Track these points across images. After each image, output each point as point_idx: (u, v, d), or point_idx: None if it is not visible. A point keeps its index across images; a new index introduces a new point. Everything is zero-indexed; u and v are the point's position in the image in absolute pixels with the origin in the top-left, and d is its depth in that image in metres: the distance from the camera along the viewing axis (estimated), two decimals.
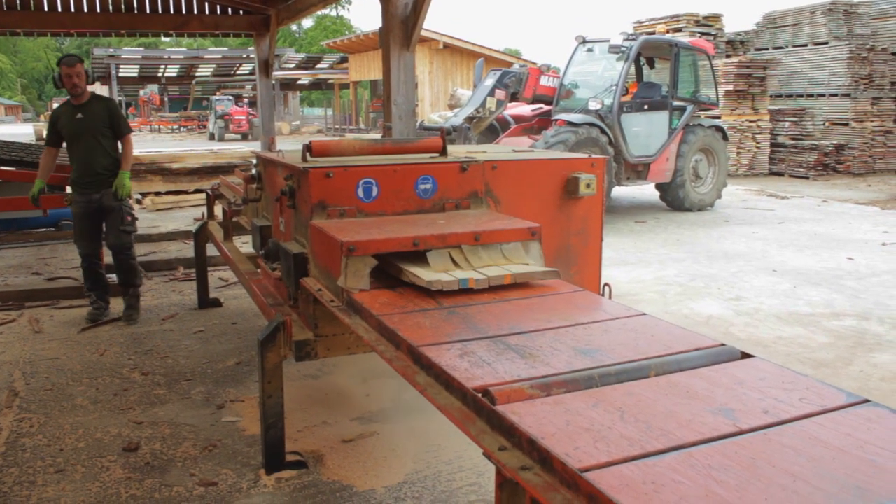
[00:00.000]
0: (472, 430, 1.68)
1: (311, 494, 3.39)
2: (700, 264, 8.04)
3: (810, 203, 12.76)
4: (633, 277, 7.41)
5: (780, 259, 8.32)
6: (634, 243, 9.16)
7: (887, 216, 11.37)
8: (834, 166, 16.98)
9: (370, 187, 3.28)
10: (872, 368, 5.00)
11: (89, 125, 5.82)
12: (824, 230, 10.12)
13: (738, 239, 9.48)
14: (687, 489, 1.34)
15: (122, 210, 5.95)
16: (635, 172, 10.96)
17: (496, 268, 2.81)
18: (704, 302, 6.57)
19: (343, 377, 4.70)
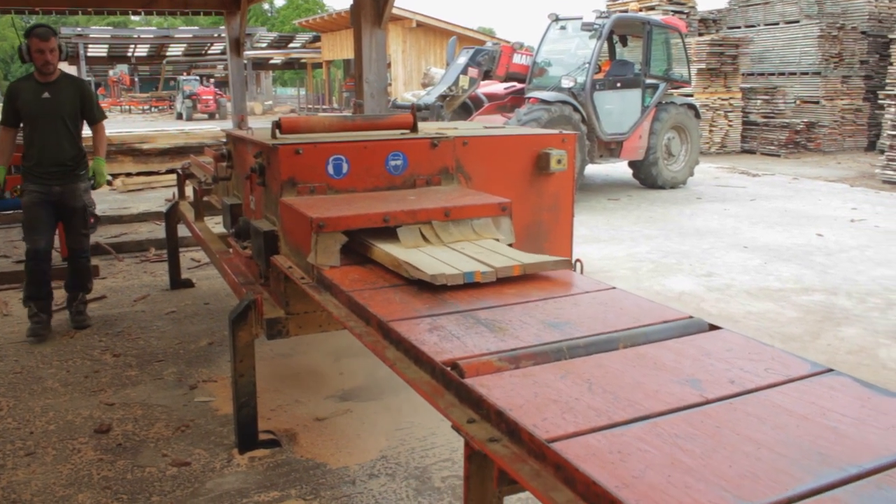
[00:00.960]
0: (442, 403, 1.68)
1: (284, 473, 3.39)
2: (672, 241, 8.09)
3: (781, 180, 12.87)
4: (605, 254, 7.45)
5: (751, 235, 8.39)
6: (607, 220, 9.20)
7: (856, 193, 11.50)
8: (805, 144, 17.12)
9: (340, 164, 3.25)
10: (840, 342, 5.07)
11: (58, 108, 5.10)
12: (795, 207, 10.22)
13: (710, 216, 9.55)
14: (652, 457, 1.35)
15: (86, 211, 5.42)
16: (608, 150, 10.99)
17: (502, 257, 2.59)
18: (676, 278, 6.61)
19: (317, 356, 4.69)
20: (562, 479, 1.32)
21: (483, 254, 2.64)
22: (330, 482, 3.33)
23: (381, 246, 2.73)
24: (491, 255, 2.62)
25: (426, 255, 2.62)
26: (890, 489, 1.26)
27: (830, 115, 17.33)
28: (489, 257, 2.59)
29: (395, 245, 2.76)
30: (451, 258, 2.60)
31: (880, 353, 4.89)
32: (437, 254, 2.67)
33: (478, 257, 2.59)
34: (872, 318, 5.55)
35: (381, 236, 2.84)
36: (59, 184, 5.17)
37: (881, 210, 10.01)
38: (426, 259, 2.56)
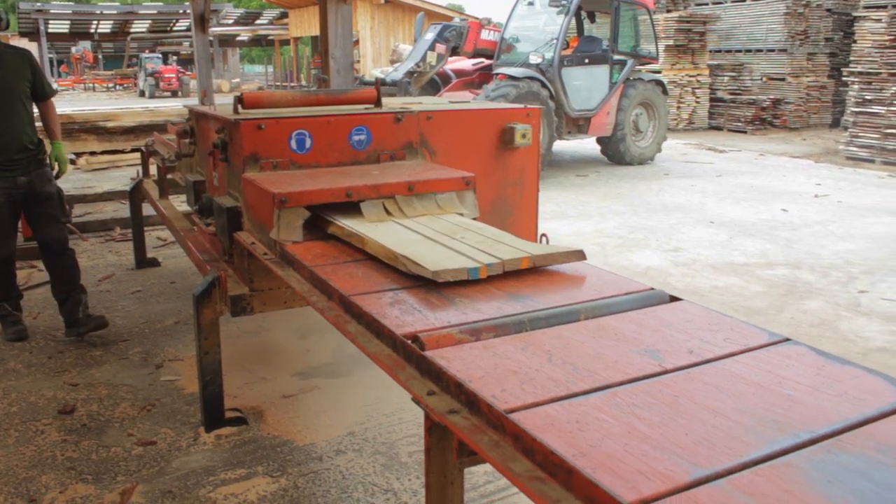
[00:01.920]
0: (402, 376, 1.68)
1: (251, 450, 3.38)
2: (639, 217, 8.14)
3: (747, 157, 12.97)
4: (573, 230, 7.47)
5: (718, 211, 8.46)
6: (575, 196, 9.23)
7: (820, 169, 11.63)
8: (771, 121, 17.26)
9: (303, 139, 3.22)
10: (803, 315, 5.14)
11: (10, 83, 4.48)
12: (760, 183, 10.31)
13: (677, 192, 9.61)
14: (610, 427, 1.36)
15: (61, 195, 4.79)
16: (576, 126, 11.00)
17: (508, 248, 2.36)
18: (643, 253, 6.66)
19: (283, 333, 4.67)
20: (520, 450, 1.33)
21: (486, 243, 2.42)
22: (297, 459, 3.33)
23: (404, 254, 2.32)
24: (494, 244, 2.41)
25: (425, 248, 2.38)
26: (840, 453, 1.28)
27: (796, 92, 17.46)
28: (493, 247, 2.36)
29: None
30: (451, 249, 2.37)
31: (841, 325, 4.96)
32: (436, 247, 2.41)
33: (480, 247, 2.38)
34: (834, 292, 5.63)
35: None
36: (25, 172, 4.53)
37: (844, 186, 10.14)
38: (425, 252, 2.32)
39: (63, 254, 4.73)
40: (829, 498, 1.16)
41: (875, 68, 12.13)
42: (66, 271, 4.75)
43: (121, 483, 3.14)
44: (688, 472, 1.21)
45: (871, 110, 12.16)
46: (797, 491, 1.18)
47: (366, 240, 2.47)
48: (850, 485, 1.19)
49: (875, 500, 1.15)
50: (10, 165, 4.47)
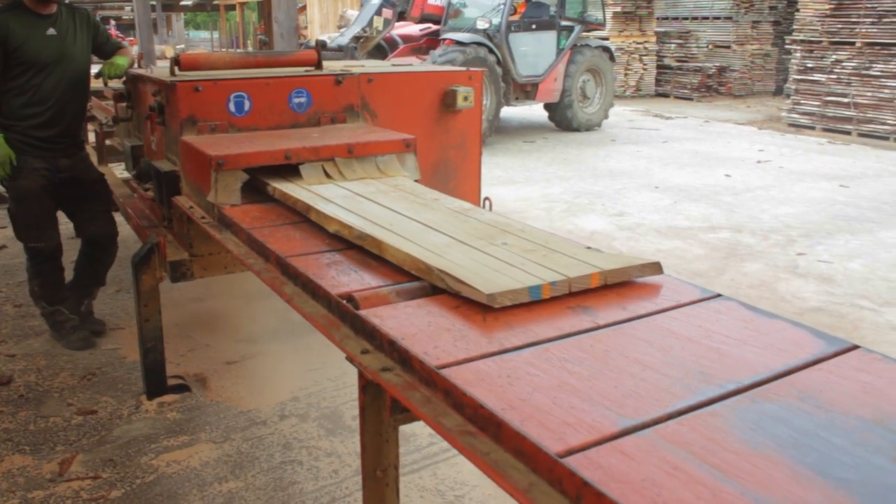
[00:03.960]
0: (337, 335, 1.67)
1: (194, 417, 3.36)
2: (586, 182, 8.20)
3: (693, 123, 13.12)
4: (519, 196, 7.50)
5: (663, 176, 8.56)
6: (522, 163, 9.25)
7: (763, 135, 11.81)
8: (716, 88, 17.45)
9: (242, 101, 3.17)
10: (742, 276, 5.24)
11: (72, 49, 3.83)
12: (705, 149, 10.45)
13: (623, 157, 9.69)
14: (540, 381, 1.37)
15: (105, 182, 4.20)
16: (524, 92, 11.00)
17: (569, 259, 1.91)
18: (588, 218, 6.72)
19: (228, 300, 4.62)
20: (451, 405, 1.33)
21: (537, 252, 1.98)
22: (240, 424, 3.31)
23: (436, 265, 1.86)
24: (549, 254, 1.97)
25: (461, 256, 1.94)
26: (763, 402, 1.31)
27: (741, 59, 17.66)
28: (549, 258, 1.93)
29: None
30: (494, 258, 1.93)
31: (779, 286, 5.08)
32: (473, 254, 1.97)
33: (531, 257, 1.94)
34: (773, 254, 5.75)
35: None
36: (67, 154, 3.95)
37: (786, 152, 10.32)
38: (464, 262, 1.89)
39: (110, 250, 4.22)
40: (750, 444, 1.18)
41: (816, 37, 12.31)
42: (105, 268, 4.27)
43: (60, 453, 3.09)
44: (615, 423, 1.23)
45: (812, 78, 12.36)
46: (720, 438, 1.20)
47: (383, 244, 2.01)
48: (771, 431, 1.22)
49: (792, 444, 1.18)
50: (55, 144, 3.87)
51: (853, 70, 11.65)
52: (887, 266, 5.52)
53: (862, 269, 5.46)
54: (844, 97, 11.77)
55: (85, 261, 4.19)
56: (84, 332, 4.12)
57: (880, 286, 5.12)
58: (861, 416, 1.28)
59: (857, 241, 6.13)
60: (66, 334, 4.09)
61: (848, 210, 7.15)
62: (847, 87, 11.74)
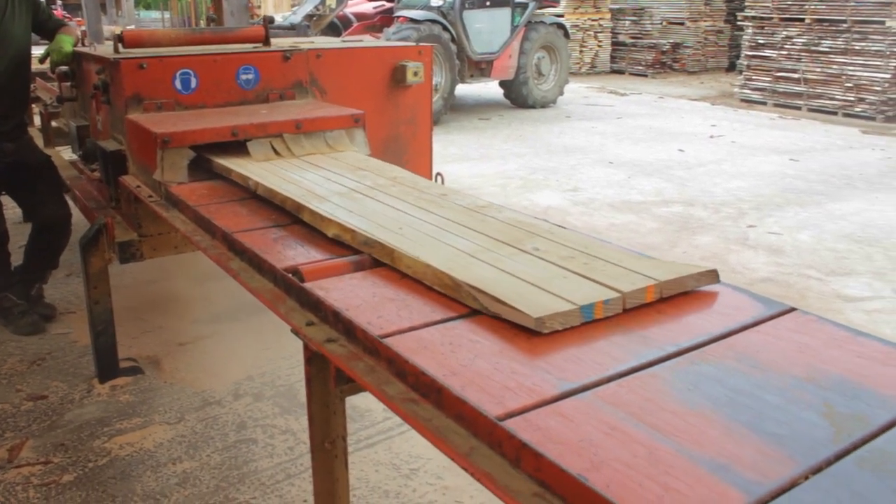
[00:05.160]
0: (283, 309, 1.66)
1: (147, 399, 3.33)
2: (541, 158, 8.22)
3: (648, 99, 13.22)
4: (475, 172, 7.50)
5: (617, 152, 8.62)
6: (478, 140, 9.25)
7: (716, 111, 11.94)
8: (670, 64, 17.58)
9: (188, 79, 3.12)
10: (694, 249, 5.32)
11: (11, 28, 3.70)
12: (659, 124, 10.54)
13: (577, 134, 9.74)
14: (482, 347, 1.38)
15: (52, 164, 4.07)
16: (478, 70, 10.97)
17: (614, 268, 1.68)
18: (543, 193, 6.75)
19: (181, 281, 4.57)
20: (394, 373, 1.34)
21: (576, 259, 1.75)
22: (195, 405, 3.29)
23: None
24: (591, 261, 1.74)
25: (491, 269, 1.68)
26: (702, 364, 1.34)
27: (694, 36, 17.79)
28: (592, 266, 1.70)
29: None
30: (530, 268, 1.69)
31: (730, 258, 5.16)
32: (504, 263, 1.72)
33: (571, 265, 1.71)
34: (725, 227, 5.84)
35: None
36: (11, 138, 3.82)
37: (738, 127, 10.45)
38: (494, 275, 1.64)
39: (64, 232, 4.09)
40: (687, 404, 1.21)
41: (767, 13, 12.44)
42: (58, 251, 4.14)
43: (9, 439, 3.05)
44: (554, 387, 1.25)
45: (763, 54, 12.50)
46: (657, 399, 1.22)
47: (396, 253, 1.77)
48: (707, 391, 1.25)
49: (728, 403, 1.21)
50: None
51: (803, 46, 11.80)
52: (834, 237, 5.63)
53: (810, 240, 5.57)
54: (795, 73, 11.94)
55: (36, 245, 4.07)
56: (33, 316, 4.04)
57: (827, 256, 5.22)
58: (795, 374, 1.31)
59: (805, 213, 6.25)
60: (13, 319, 4.01)
61: (797, 183, 7.28)
62: (797, 63, 11.90)
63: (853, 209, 6.38)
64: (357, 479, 2.77)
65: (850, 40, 11.19)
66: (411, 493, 2.70)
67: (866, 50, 11.02)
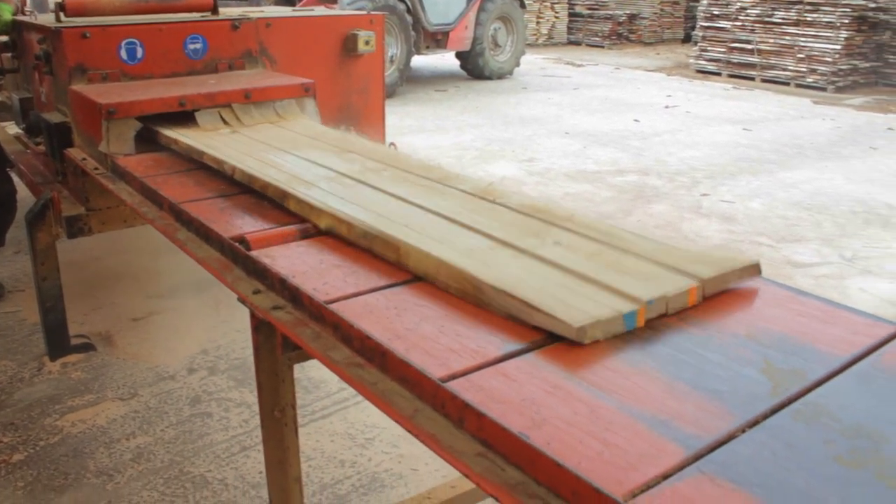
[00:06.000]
0: (229, 277, 1.65)
1: (99, 375, 3.29)
2: (497, 129, 8.22)
3: (604, 70, 13.25)
4: (430, 144, 7.47)
5: (573, 122, 8.65)
6: (434, 111, 9.21)
7: (671, 82, 12.02)
8: (627, 35, 17.63)
9: (134, 48, 3.06)
10: (649, 217, 5.37)
11: None
12: (615, 95, 10.58)
13: (534, 105, 9.74)
14: (428, 311, 1.39)
15: None
16: (434, 41, 10.90)
17: (663, 270, 1.48)
18: (499, 164, 6.75)
19: (134, 256, 4.51)
20: (340, 338, 1.34)
21: (603, 254, 1.57)
22: (148, 380, 3.26)
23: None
24: (621, 256, 1.57)
25: (510, 265, 1.51)
26: None
27: (650, 7, 17.84)
28: (623, 263, 1.53)
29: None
30: (554, 265, 1.51)
31: (684, 226, 5.22)
32: (522, 260, 1.54)
33: (598, 262, 1.54)
34: (679, 196, 5.90)
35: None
36: None
37: (693, 97, 10.54)
38: (519, 273, 1.47)
39: (8, 208, 3.98)
40: (629, 362, 1.22)
41: None
42: (4, 228, 4.04)
43: None
44: (498, 348, 1.26)
45: (718, 25, 12.59)
46: (601, 358, 1.24)
47: (403, 248, 1.58)
48: (651, 350, 1.26)
49: (671, 361, 1.23)
50: None
51: (756, 17, 11.91)
52: (785, 205, 5.73)
53: (761, 207, 5.66)
54: (749, 44, 12.05)
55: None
56: None
57: (778, 224, 5.31)
58: (736, 332, 1.34)
59: (757, 182, 6.34)
60: None
61: (750, 152, 7.37)
62: (751, 34, 12.01)
63: (804, 177, 6.49)
64: (313, 449, 2.77)
65: (802, 12, 11.32)
66: (367, 462, 2.71)
67: (818, 21, 11.15)
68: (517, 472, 1.01)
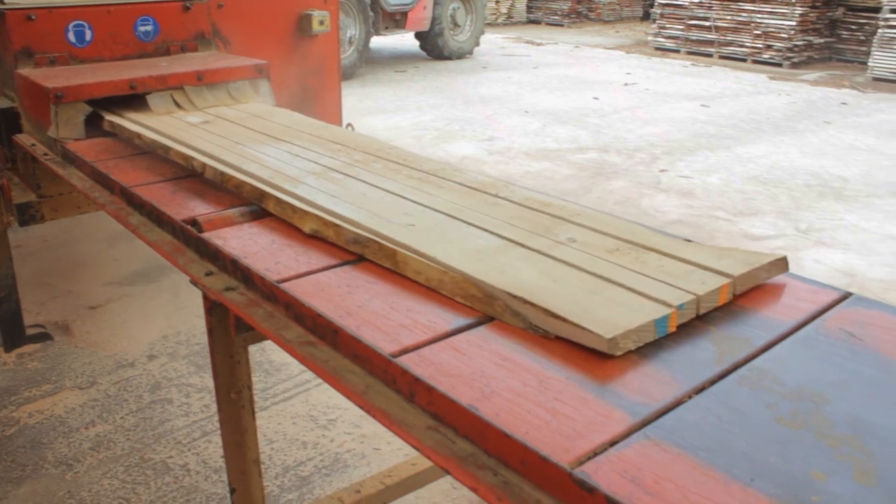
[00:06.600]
0: (182, 260, 1.63)
1: (57, 365, 3.25)
2: (457, 109, 8.21)
3: (564, 49, 13.28)
4: (390, 124, 7.44)
5: (533, 101, 8.66)
6: (394, 92, 9.17)
7: (630, 59, 12.08)
8: (586, 14, 17.67)
9: (82, 31, 3.00)
10: (609, 194, 5.41)
11: None
12: (574, 73, 10.61)
13: (494, 84, 9.74)
14: (379, 288, 1.39)
15: None
16: (393, 21, 10.83)
17: (688, 268, 1.38)
18: (459, 144, 6.75)
19: (90, 244, 4.45)
20: (292, 317, 1.33)
21: (622, 253, 1.46)
22: (107, 368, 3.23)
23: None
24: (641, 254, 1.46)
25: (529, 267, 1.38)
26: None
27: None
28: (642, 262, 1.42)
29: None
30: (572, 266, 1.40)
31: (643, 202, 5.27)
32: (539, 261, 1.41)
33: (620, 261, 1.42)
34: (638, 172, 5.94)
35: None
36: None
37: (652, 74, 10.60)
38: (537, 276, 1.35)
39: None
40: None
41: None
42: None
43: None
44: (449, 323, 1.26)
45: (676, 3, 12.66)
46: None
47: (399, 255, 1.44)
48: None
49: None
50: None
51: None
52: (742, 179, 5.80)
53: (719, 182, 5.72)
54: (706, 21, 12.13)
55: None
56: None
57: (735, 198, 5.38)
58: None
59: (715, 157, 6.41)
60: None
61: (708, 128, 7.44)
62: (709, 12, 12.09)
63: (760, 152, 6.57)
64: (275, 432, 2.77)
65: None
66: (329, 444, 2.72)
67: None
68: (468, 444, 1.02)
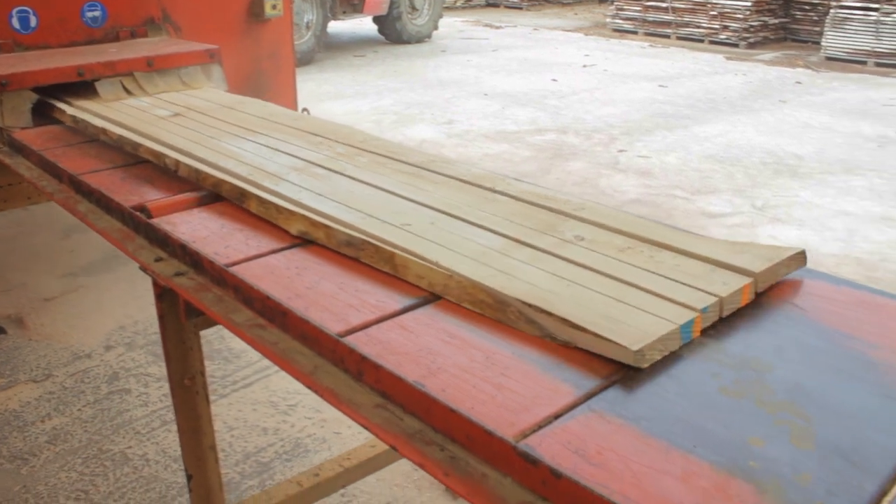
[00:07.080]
0: (131, 247, 1.62)
1: (10, 358, 3.20)
2: (416, 93, 8.18)
3: (523, 31, 13.28)
4: (349, 109, 7.40)
5: (492, 84, 8.66)
6: (353, 77, 9.11)
7: (589, 41, 12.12)
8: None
9: (26, 17, 2.95)
10: (567, 175, 5.44)
11: None
12: (533, 56, 10.62)
13: (453, 67, 9.72)
14: (328, 270, 1.39)
15: None
16: (351, 6, 10.74)
17: (706, 268, 1.30)
18: (418, 127, 6.73)
19: (44, 235, 4.38)
20: (241, 301, 1.33)
21: (635, 252, 1.38)
22: (63, 360, 3.19)
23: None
24: (656, 253, 1.38)
25: (538, 270, 1.31)
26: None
27: None
28: (657, 261, 1.35)
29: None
30: (582, 267, 1.32)
31: (601, 182, 5.31)
32: (548, 263, 1.34)
33: (633, 260, 1.35)
34: (596, 153, 5.98)
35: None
36: None
37: (610, 56, 10.65)
38: (547, 280, 1.27)
39: None
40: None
41: None
42: None
43: None
44: (398, 303, 1.27)
45: None
46: None
47: (399, 256, 1.36)
48: None
49: None
50: None
51: None
52: (699, 158, 5.86)
53: (677, 161, 5.78)
54: (663, 2, 12.20)
55: None
56: None
57: (693, 176, 5.44)
58: None
59: (673, 137, 6.47)
60: None
61: (666, 108, 7.51)
62: None
63: (717, 131, 6.65)
64: (235, 419, 2.76)
65: None
66: (290, 429, 2.72)
67: None
68: (415, 420, 1.02)
